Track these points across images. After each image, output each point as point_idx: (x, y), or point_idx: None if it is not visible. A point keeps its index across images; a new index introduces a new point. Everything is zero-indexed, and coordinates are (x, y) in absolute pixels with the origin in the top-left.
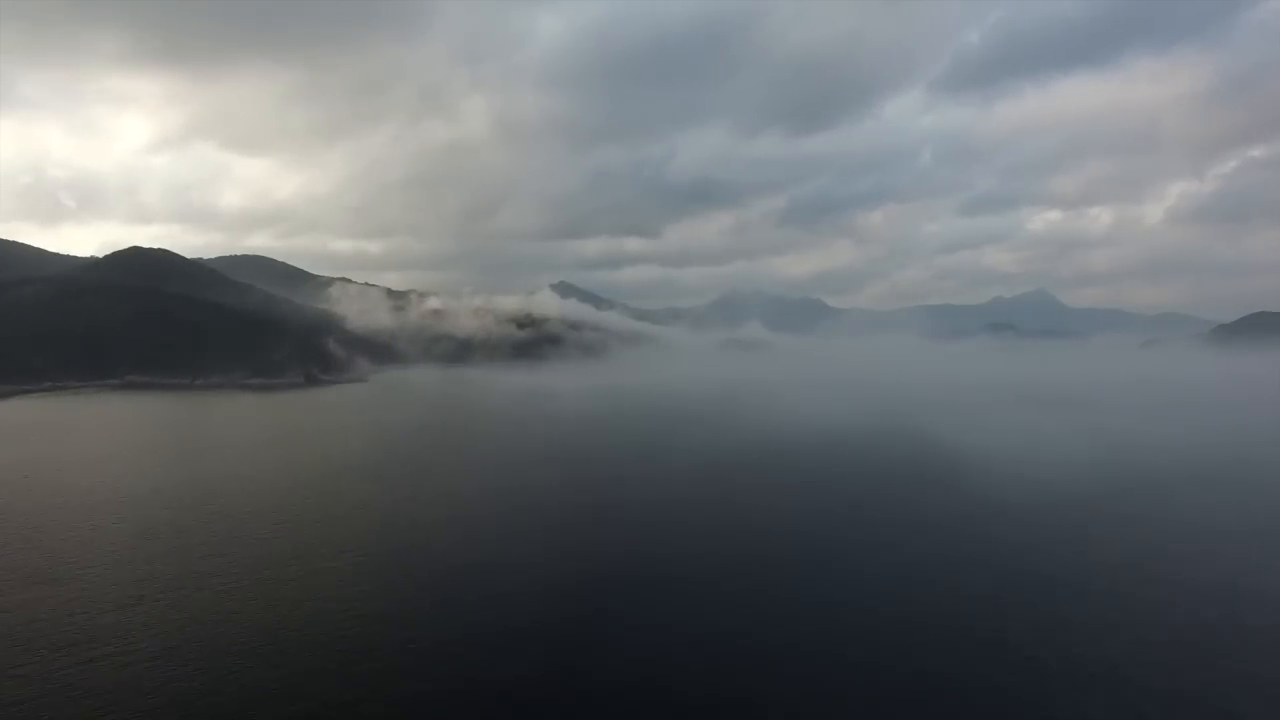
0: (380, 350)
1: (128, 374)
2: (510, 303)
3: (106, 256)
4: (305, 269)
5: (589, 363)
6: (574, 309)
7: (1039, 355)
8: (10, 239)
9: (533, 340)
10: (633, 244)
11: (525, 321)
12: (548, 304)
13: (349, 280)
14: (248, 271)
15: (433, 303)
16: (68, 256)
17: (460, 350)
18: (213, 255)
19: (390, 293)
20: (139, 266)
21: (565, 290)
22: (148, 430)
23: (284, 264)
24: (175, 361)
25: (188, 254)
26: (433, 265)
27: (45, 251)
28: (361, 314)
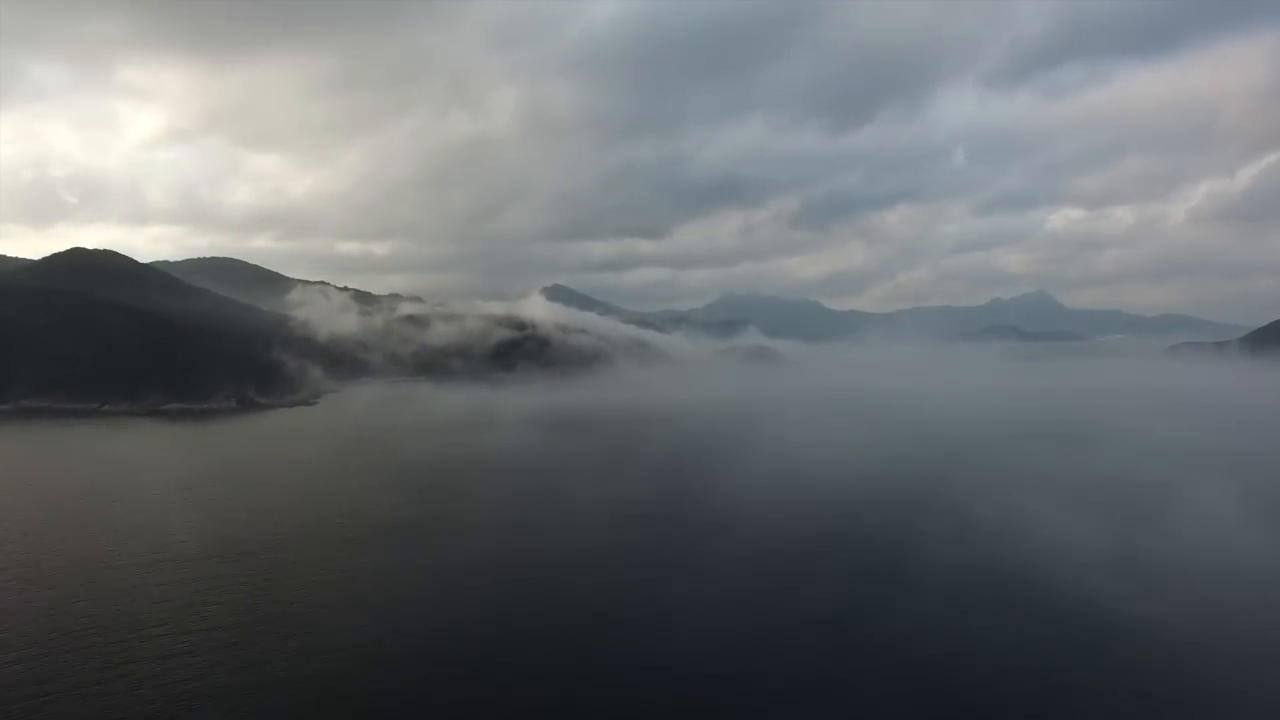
0: (344, 362)
1: (24, 398)
2: (496, 308)
3: (42, 260)
4: (281, 272)
5: (575, 374)
6: (565, 314)
7: (1060, 365)
8: None
9: (516, 349)
10: (641, 245)
11: (511, 328)
12: (537, 309)
13: (326, 284)
14: (215, 275)
15: (406, 308)
16: (11, 258)
17: (435, 360)
18: (206, 256)
19: (360, 296)
20: (78, 270)
21: (560, 294)
22: None
23: (257, 267)
24: (85, 382)
25: (191, 255)
26: (439, 268)
27: None
28: (326, 321)
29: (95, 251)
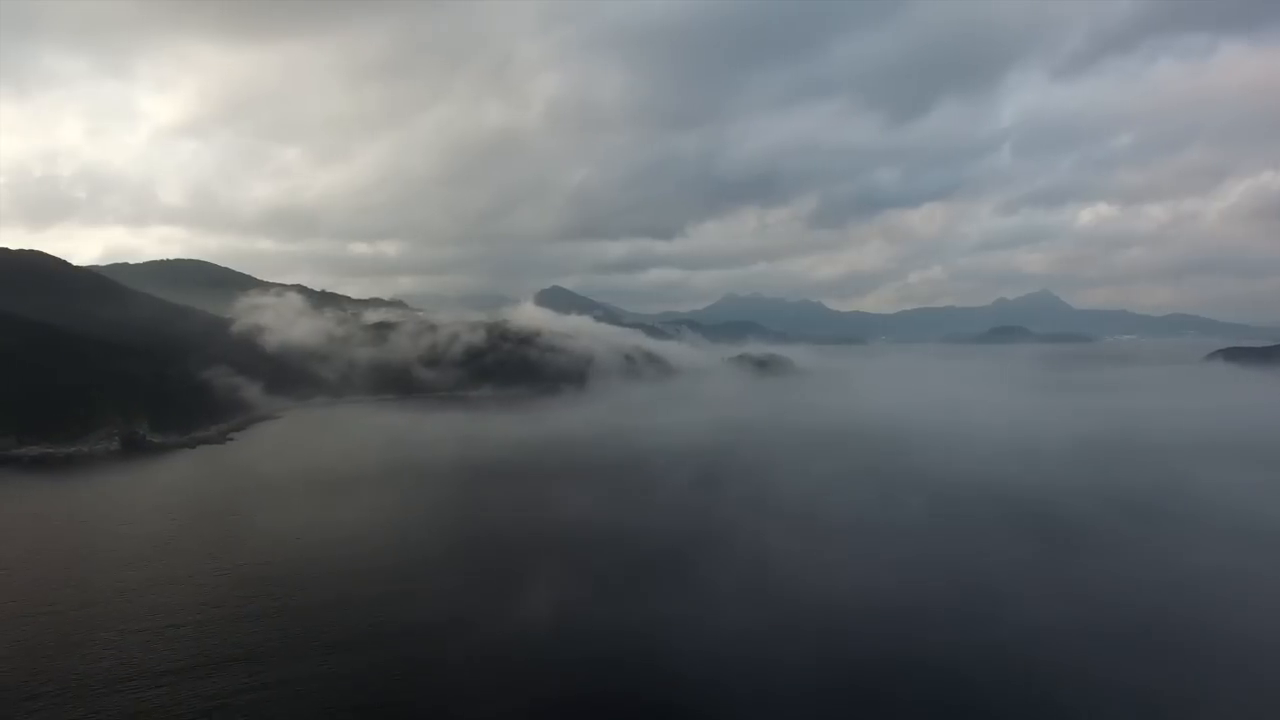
0: (295, 378)
1: None
2: (479, 314)
3: None
4: (255, 275)
5: (556, 389)
6: (557, 321)
7: (1095, 375)
8: None
9: (494, 361)
10: (657, 246)
11: (495, 336)
12: (525, 316)
13: (302, 286)
14: (177, 279)
15: (374, 315)
16: None
17: (400, 375)
18: (175, 258)
19: (327, 299)
20: None
21: (559, 297)
22: None
23: (227, 269)
24: None
25: (197, 256)
26: (449, 269)
27: None
28: (280, 329)
29: (19, 252)
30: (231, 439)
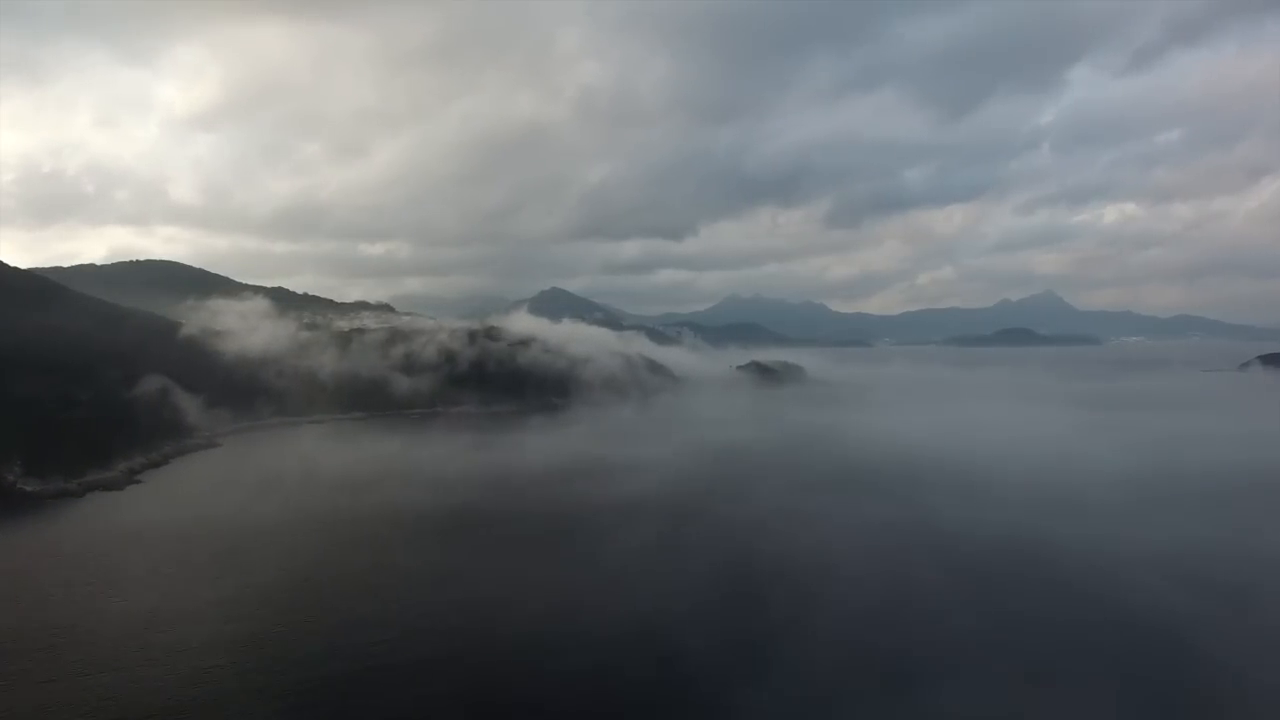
0: (248, 395)
1: None
2: (467, 321)
3: None
4: (257, 278)
5: (541, 405)
6: (552, 329)
7: (1138, 385)
8: None
9: (479, 373)
10: (670, 247)
11: (486, 343)
12: (521, 323)
13: (266, 287)
14: (148, 283)
15: (353, 320)
16: None
17: (374, 389)
18: (183, 260)
19: (300, 305)
20: None
21: (558, 299)
22: None
23: (204, 271)
24: None
25: (204, 255)
26: (459, 270)
27: None
28: (237, 339)
29: None
30: (139, 480)
